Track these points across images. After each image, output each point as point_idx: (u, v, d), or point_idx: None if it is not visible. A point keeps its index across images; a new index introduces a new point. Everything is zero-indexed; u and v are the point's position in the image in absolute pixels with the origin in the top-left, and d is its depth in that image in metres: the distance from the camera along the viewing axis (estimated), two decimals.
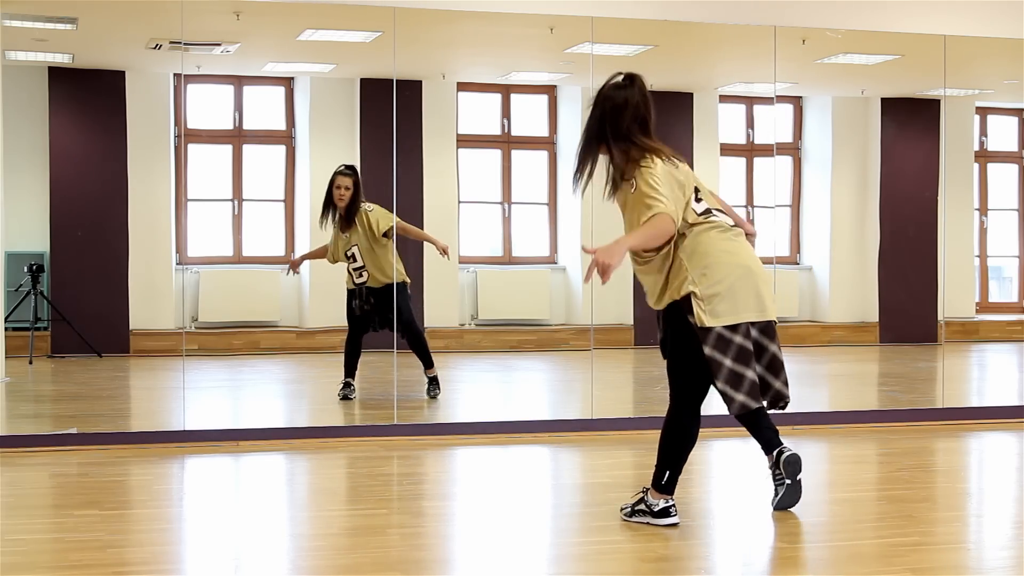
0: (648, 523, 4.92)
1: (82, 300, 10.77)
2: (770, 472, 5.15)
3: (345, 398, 8.46)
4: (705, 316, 4.80)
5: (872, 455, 6.92)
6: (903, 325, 12.10)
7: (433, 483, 6.32)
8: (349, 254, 8.53)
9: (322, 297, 10.61)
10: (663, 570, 4.35)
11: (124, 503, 5.64)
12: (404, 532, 4.92)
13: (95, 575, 4.22)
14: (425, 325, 10.98)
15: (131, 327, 10.81)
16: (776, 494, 5.14)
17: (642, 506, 4.97)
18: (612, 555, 4.58)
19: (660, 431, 5.02)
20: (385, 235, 8.43)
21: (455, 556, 4.70)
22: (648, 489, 4.98)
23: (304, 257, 9.27)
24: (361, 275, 8.53)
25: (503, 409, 8.89)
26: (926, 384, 9.82)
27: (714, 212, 4.98)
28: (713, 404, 6.88)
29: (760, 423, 5.09)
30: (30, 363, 10.30)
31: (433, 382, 8.56)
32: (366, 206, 8.48)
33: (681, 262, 4.86)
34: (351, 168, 8.55)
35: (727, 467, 6.65)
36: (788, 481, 5.09)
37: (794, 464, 5.07)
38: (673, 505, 4.93)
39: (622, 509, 5.07)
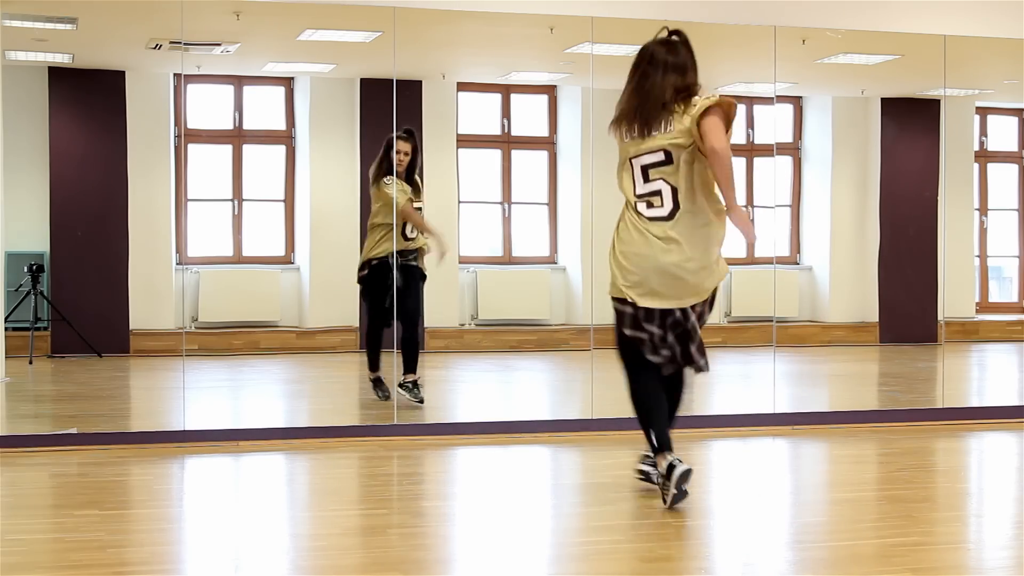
0: (661, 485, 5.15)
1: (82, 300, 10.77)
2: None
3: (386, 397, 8.05)
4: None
5: (872, 455, 6.92)
6: (903, 325, 12.09)
7: (433, 483, 6.32)
8: (417, 206, 8.17)
9: (322, 297, 10.61)
10: (663, 570, 4.35)
11: (124, 503, 5.64)
12: (404, 532, 4.92)
13: (95, 575, 4.22)
14: (425, 325, 10.99)
15: (131, 327, 10.80)
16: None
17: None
18: (612, 555, 4.58)
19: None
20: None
21: (455, 556, 4.70)
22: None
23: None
24: (414, 233, 8.17)
25: (503, 409, 8.89)
26: (926, 384, 9.82)
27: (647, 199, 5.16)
28: (713, 405, 6.87)
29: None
30: (30, 363, 10.30)
31: (416, 385, 8.03)
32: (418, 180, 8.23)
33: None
34: (409, 132, 8.15)
35: (727, 467, 6.65)
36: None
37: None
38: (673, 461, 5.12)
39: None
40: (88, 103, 11.26)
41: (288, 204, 11.18)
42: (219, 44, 9.97)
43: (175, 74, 11.08)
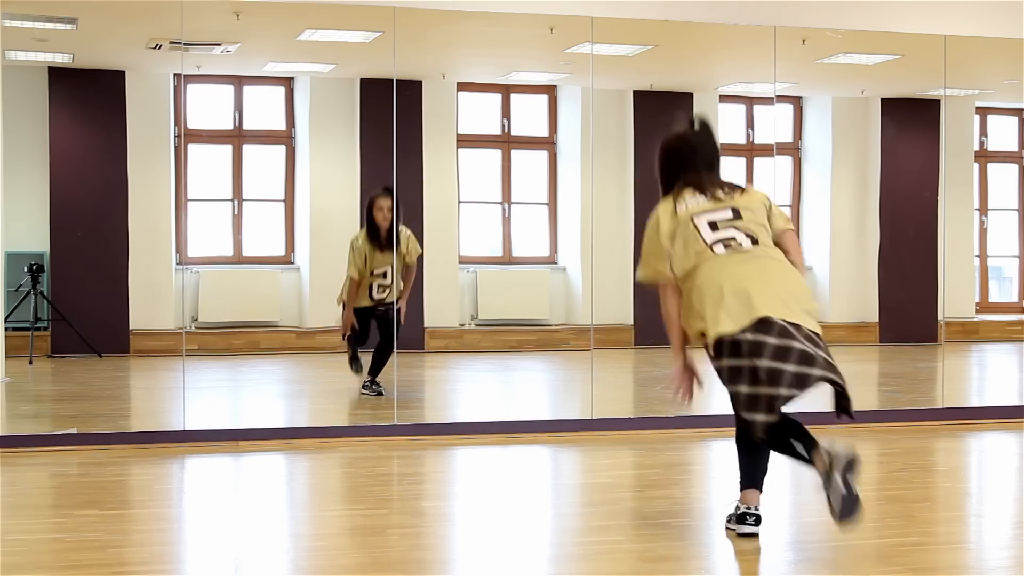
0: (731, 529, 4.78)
1: (82, 300, 10.77)
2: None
3: (359, 371, 8.74)
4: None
5: (872, 455, 6.91)
6: (903, 325, 12.09)
7: (433, 483, 6.33)
8: (381, 271, 8.70)
9: (322, 297, 10.60)
10: (663, 570, 4.35)
11: (124, 503, 5.64)
12: (404, 532, 4.92)
13: (95, 575, 4.22)
14: (425, 325, 11.00)
15: (131, 327, 10.80)
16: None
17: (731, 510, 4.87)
18: (612, 555, 4.58)
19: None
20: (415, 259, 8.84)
21: (455, 556, 4.70)
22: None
23: (349, 308, 8.84)
24: (384, 291, 8.75)
25: (503, 409, 8.89)
26: (926, 384, 9.82)
27: (726, 241, 4.79)
28: (713, 405, 6.87)
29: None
30: (30, 363, 10.30)
31: (374, 383, 8.73)
32: (404, 229, 8.73)
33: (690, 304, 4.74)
34: (388, 190, 8.66)
35: (727, 467, 6.65)
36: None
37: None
38: (748, 512, 4.74)
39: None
40: (88, 103, 11.27)
41: (288, 204, 11.18)
42: (219, 44, 9.97)
43: (175, 74, 11.08)
